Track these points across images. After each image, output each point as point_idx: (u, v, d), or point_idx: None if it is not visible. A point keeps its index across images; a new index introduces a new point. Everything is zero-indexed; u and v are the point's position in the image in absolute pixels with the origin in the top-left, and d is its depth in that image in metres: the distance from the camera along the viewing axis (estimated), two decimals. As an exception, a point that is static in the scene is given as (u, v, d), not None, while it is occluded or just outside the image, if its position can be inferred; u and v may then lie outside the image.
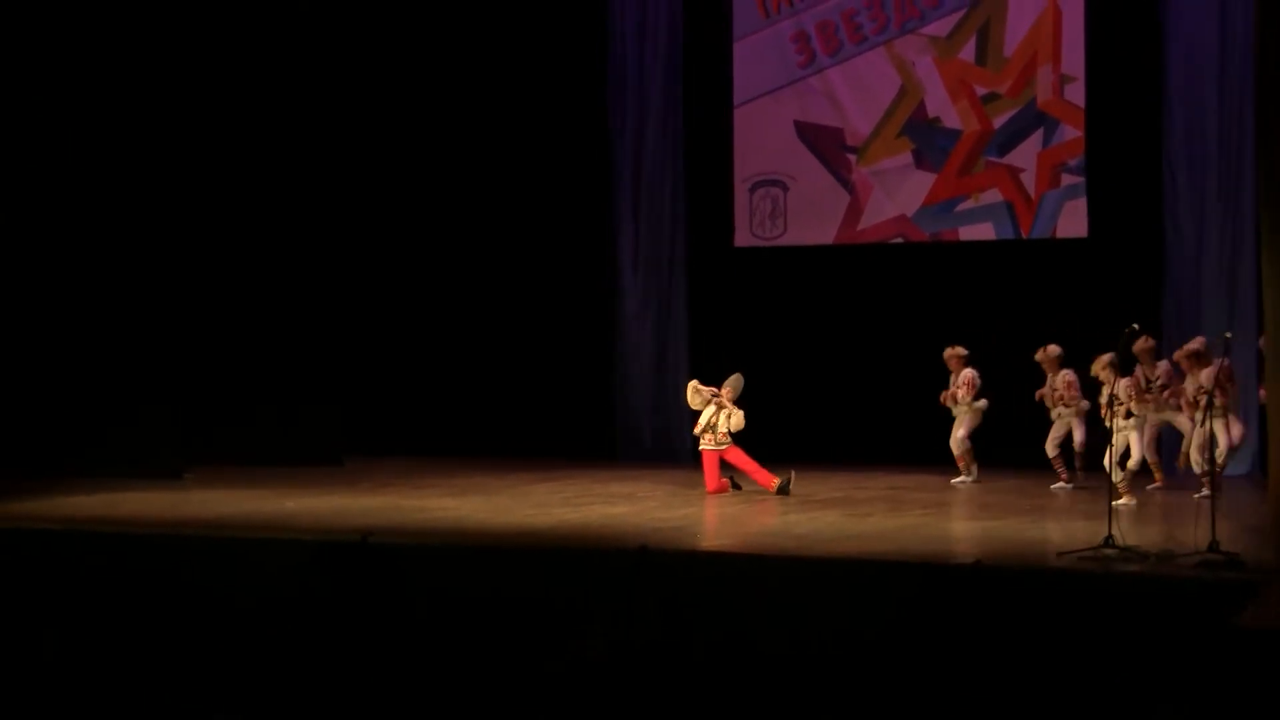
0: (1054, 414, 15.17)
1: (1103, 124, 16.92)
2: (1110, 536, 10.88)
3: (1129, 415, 13.84)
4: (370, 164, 19.18)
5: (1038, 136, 17.19)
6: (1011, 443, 15.63)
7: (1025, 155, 17.25)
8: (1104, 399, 13.45)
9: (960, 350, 15.66)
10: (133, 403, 16.73)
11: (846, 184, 17.98)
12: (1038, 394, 15.11)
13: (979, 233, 17.50)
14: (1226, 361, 13.53)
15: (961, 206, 17.54)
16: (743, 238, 18.48)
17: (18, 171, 17.02)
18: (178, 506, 14.15)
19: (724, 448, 15.18)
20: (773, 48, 18.19)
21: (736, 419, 15.18)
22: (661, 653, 10.22)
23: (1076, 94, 17.02)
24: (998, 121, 17.35)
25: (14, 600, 11.72)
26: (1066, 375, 15.08)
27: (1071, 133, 17.05)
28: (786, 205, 18.25)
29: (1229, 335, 12.54)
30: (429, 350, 19.24)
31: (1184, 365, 14.35)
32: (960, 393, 15.61)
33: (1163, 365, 14.62)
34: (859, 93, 17.90)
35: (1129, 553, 10.75)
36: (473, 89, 19.07)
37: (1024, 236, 17.34)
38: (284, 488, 15.40)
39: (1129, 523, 11.77)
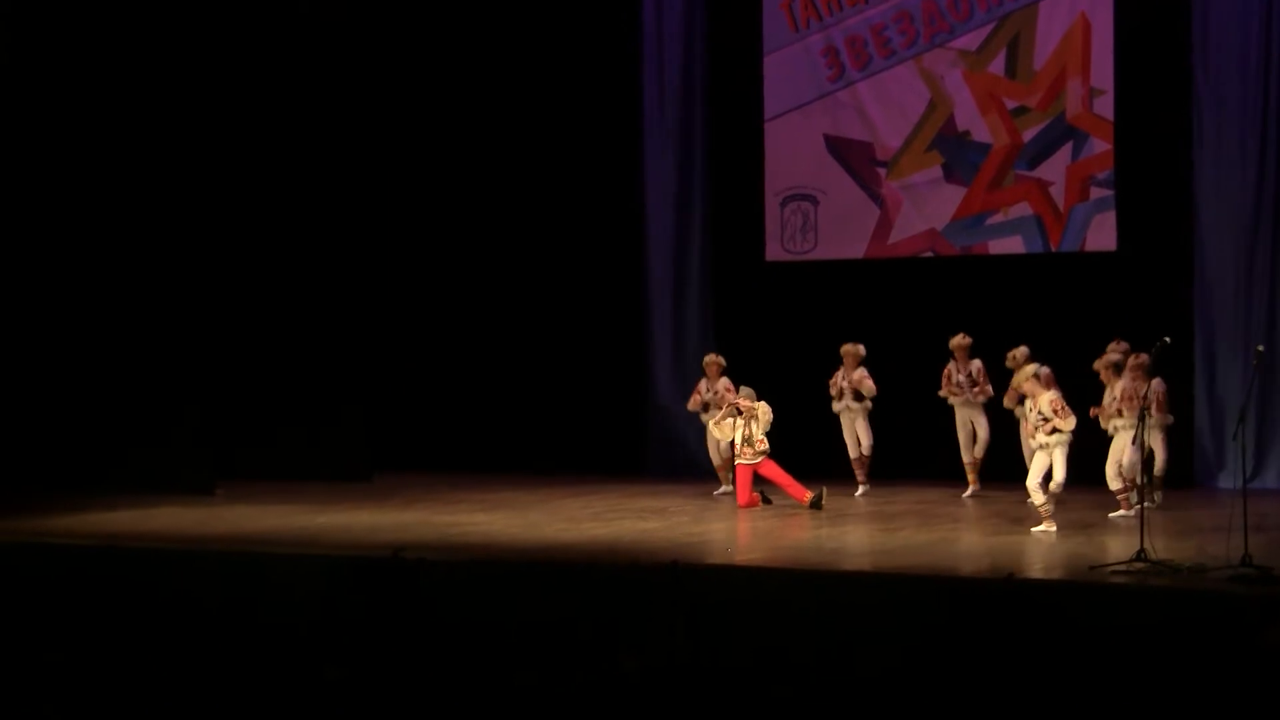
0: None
1: (1132, 137, 16.85)
2: (1143, 550, 10.84)
3: (1053, 432, 13.22)
4: (398, 181, 19.23)
5: (1067, 150, 17.13)
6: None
7: (1054, 168, 17.19)
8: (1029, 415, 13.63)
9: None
10: (163, 418, 16.77)
11: (876, 198, 17.95)
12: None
13: (1008, 246, 17.44)
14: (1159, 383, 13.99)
15: (991, 220, 17.49)
16: (773, 252, 18.45)
17: (47, 190, 17.12)
18: (208, 522, 14.19)
19: (759, 460, 15.18)
20: (802, 62, 18.17)
21: (765, 415, 15.16)
22: (693, 669, 10.19)
23: (1105, 107, 16.96)
24: (1027, 135, 17.29)
25: (44, 616, 11.75)
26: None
27: (1101, 146, 16.99)
28: (817, 219, 18.22)
29: (1261, 349, 12.45)
30: (458, 366, 19.24)
31: (1102, 376, 14.13)
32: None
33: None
34: (888, 107, 17.86)
35: (1161, 566, 10.70)
36: (501, 103, 19.09)
37: (1053, 250, 17.27)
38: (314, 503, 15.43)
39: (1162, 535, 11.68)
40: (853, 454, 16.22)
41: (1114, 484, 13.91)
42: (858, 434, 16.18)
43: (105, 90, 17.15)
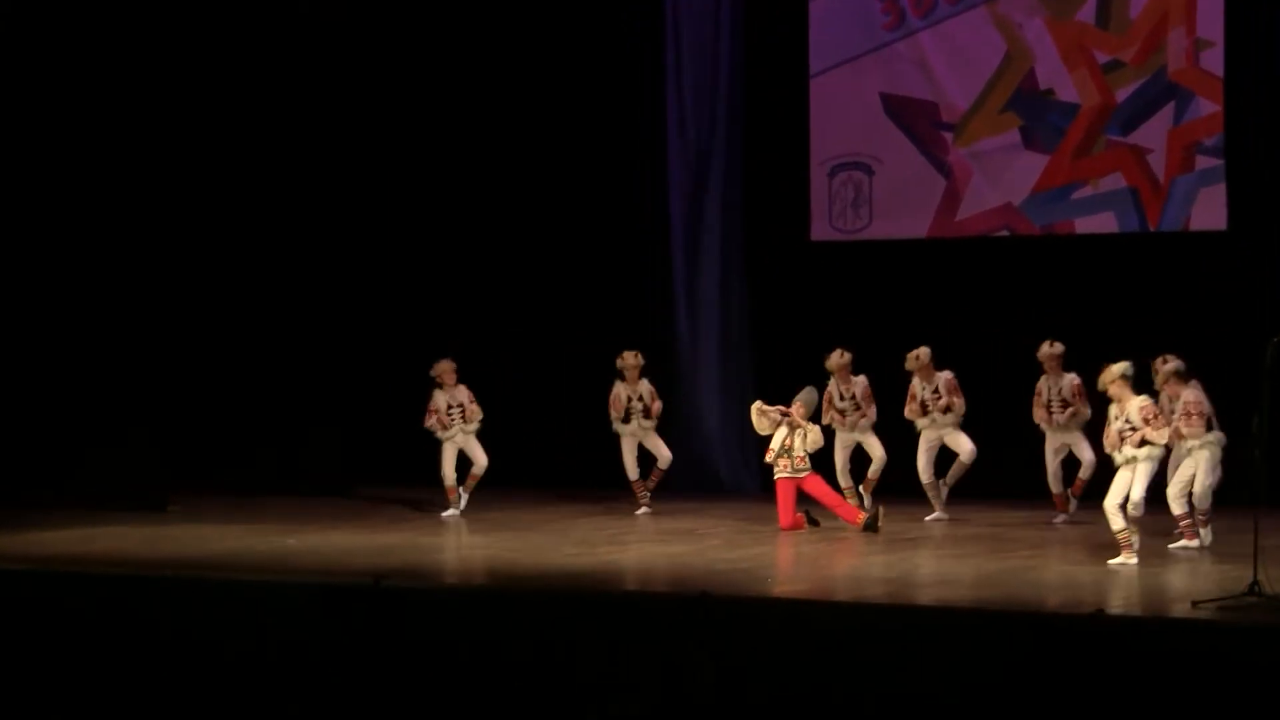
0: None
1: (1245, 97, 16.79)
2: (1256, 583, 10.78)
3: (1142, 444, 13.05)
4: (384, 173, 19.52)
5: (1168, 112, 17.07)
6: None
7: (1153, 134, 17.14)
8: (1113, 423, 13.17)
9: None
10: (113, 426, 16.92)
11: (942, 167, 17.90)
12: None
13: (1098, 224, 17.42)
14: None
15: (1078, 194, 17.46)
16: (820, 230, 18.43)
17: (8, 193, 17.45)
18: (161, 542, 14.30)
19: (802, 475, 15.16)
20: (855, 8, 18.16)
21: (814, 437, 15.18)
22: (722, 715, 10.16)
23: (1214, 62, 16.89)
24: (1121, 94, 17.24)
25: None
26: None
27: (1209, 107, 16.92)
28: (872, 192, 18.21)
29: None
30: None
31: (1166, 389, 13.88)
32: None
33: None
34: (956, 60, 17.83)
35: (1276, 602, 10.64)
36: (515, 72, 19.22)
37: (1151, 229, 17.23)
38: (283, 522, 15.52)
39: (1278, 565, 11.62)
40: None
41: (1176, 508, 13.80)
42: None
43: (72, 90, 17.60)
